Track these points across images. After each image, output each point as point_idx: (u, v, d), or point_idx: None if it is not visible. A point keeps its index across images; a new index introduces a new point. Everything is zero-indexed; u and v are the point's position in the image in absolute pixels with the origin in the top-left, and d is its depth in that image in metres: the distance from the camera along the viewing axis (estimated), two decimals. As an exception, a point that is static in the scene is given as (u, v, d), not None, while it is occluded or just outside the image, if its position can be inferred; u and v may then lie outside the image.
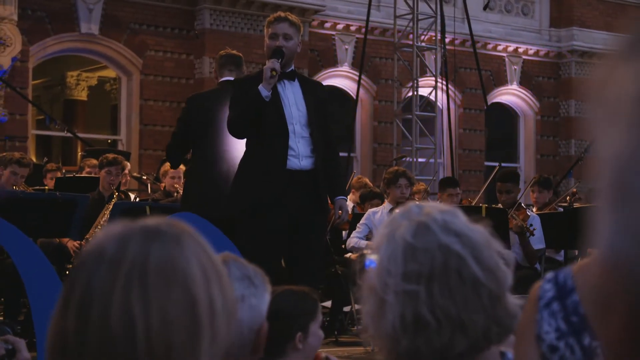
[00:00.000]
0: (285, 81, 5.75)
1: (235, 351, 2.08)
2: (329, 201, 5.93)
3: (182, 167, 9.25)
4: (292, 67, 5.86)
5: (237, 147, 6.02)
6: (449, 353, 1.62)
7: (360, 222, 8.34)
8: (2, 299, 7.84)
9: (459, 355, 1.63)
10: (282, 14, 5.87)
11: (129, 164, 9.74)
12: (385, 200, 8.56)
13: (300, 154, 5.64)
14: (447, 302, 1.63)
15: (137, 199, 9.31)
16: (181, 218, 5.35)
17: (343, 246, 8.99)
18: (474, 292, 1.62)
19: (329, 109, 6.04)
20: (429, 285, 1.63)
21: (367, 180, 11.09)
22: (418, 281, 1.64)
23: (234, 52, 7.16)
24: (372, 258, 1.71)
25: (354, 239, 8.24)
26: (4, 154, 8.57)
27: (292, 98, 5.72)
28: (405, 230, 1.68)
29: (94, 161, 9.43)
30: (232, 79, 6.60)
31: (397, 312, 1.64)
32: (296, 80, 5.80)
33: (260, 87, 5.57)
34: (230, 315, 1.33)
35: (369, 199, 9.25)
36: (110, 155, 8.31)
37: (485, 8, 18.05)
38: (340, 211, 5.85)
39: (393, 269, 1.65)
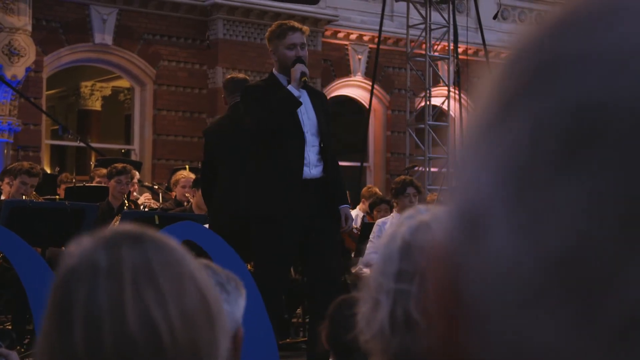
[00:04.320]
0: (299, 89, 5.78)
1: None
2: None
3: (192, 175, 9.29)
4: None
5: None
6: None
7: (371, 235, 8.27)
8: (11, 308, 7.86)
9: None
10: (296, 25, 5.86)
11: (137, 172, 9.77)
12: (394, 210, 8.54)
13: (310, 162, 5.68)
14: None
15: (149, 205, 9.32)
16: (184, 226, 5.37)
17: (353, 254, 8.97)
18: None
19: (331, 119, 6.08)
20: (422, 284, 1.60)
21: (377, 190, 11.08)
22: (411, 281, 1.61)
23: (240, 75, 7.21)
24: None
25: (369, 255, 8.15)
26: (14, 164, 8.61)
27: (304, 106, 5.75)
28: (406, 229, 1.66)
29: (104, 171, 9.46)
30: None
31: (388, 311, 1.62)
32: (303, 88, 5.82)
33: (290, 87, 5.57)
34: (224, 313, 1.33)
35: (376, 204, 9.32)
36: (119, 165, 8.33)
37: (495, 17, 18.01)
38: (345, 219, 5.88)
39: (388, 268, 1.63)
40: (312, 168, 5.67)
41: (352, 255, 9.03)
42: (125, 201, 8.17)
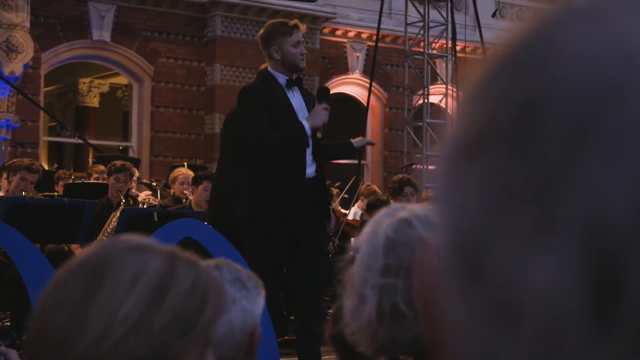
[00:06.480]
0: (294, 88, 5.77)
1: (228, 353, 2.09)
2: None
3: (190, 172, 9.28)
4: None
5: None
6: (424, 342, 1.65)
7: None
8: (9, 306, 7.86)
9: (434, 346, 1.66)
10: (298, 22, 5.86)
11: (137, 170, 9.75)
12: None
13: (307, 162, 5.69)
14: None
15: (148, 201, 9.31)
16: (184, 224, 5.37)
17: (351, 253, 8.97)
18: None
19: None
20: (407, 277, 1.66)
21: (376, 188, 11.08)
22: (397, 275, 1.67)
23: None
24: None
25: None
26: (14, 160, 8.60)
27: (299, 105, 5.74)
28: (387, 226, 1.72)
29: (102, 167, 9.45)
30: None
31: (375, 304, 1.68)
32: (297, 86, 5.81)
33: (305, 123, 5.54)
34: None
35: (376, 207, 9.23)
36: (119, 162, 8.31)
37: (494, 15, 18.02)
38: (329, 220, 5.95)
39: (373, 264, 1.69)
40: (308, 167, 5.69)
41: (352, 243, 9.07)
42: (122, 198, 8.14)
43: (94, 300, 1.21)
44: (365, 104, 16.94)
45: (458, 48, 16.43)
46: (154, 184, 11.24)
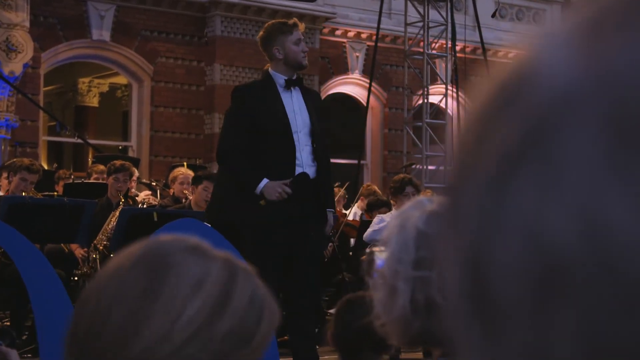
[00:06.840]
0: (293, 88, 5.74)
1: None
2: None
3: (190, 172, 9.28)
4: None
5: None
6: None
7: (372, 224, 8.30)
8: (8, 305, 7.86)
9: None
10: (297, 21, 5.89)
11: (136, 170, 9.75)
12: (393, 209, 8.54)
13: (304, 163, 5.63)
14: None
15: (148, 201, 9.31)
16: (183, 224, 5.37)
17: (350, 253, 8.98)
18: None
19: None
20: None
21: (376, 188, 11.08)
22: (430, 267, 1.68)
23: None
24: (382, 257, 1.74)
25: (371, 231, 8.15)
26: (14, 160, 8.59)
27: (297, 106, 5.71)
28: (417, 219, 1.73)
29: (102, 167, 9.44)
30: None
31: (408, 296, 1.69)
32: (297, 87, 5.79)
33: (262, 186, 5.50)
34: None
35: (376, 207, 9.20)
36: (118, 162, 8.30)
37: (493, 15, 18.02)
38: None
39: (404, 257, 1.70)
40: (306, 168, 5.65)
41: (350, 254, 9.05)
42: (122, 198, 8.14)
43: (156, 299, 1.16)
44: (364, 104, 16.94)
45: (458, 48, 16.42)
46: (154, 183, 11.23)
